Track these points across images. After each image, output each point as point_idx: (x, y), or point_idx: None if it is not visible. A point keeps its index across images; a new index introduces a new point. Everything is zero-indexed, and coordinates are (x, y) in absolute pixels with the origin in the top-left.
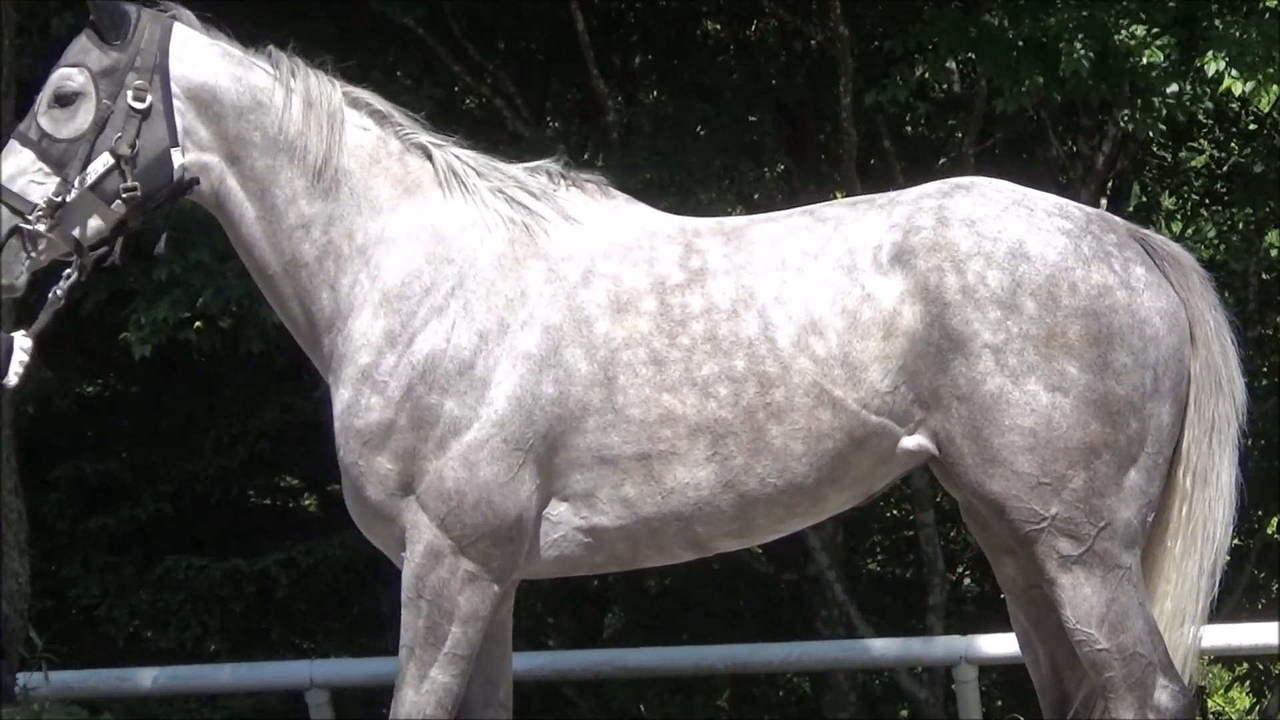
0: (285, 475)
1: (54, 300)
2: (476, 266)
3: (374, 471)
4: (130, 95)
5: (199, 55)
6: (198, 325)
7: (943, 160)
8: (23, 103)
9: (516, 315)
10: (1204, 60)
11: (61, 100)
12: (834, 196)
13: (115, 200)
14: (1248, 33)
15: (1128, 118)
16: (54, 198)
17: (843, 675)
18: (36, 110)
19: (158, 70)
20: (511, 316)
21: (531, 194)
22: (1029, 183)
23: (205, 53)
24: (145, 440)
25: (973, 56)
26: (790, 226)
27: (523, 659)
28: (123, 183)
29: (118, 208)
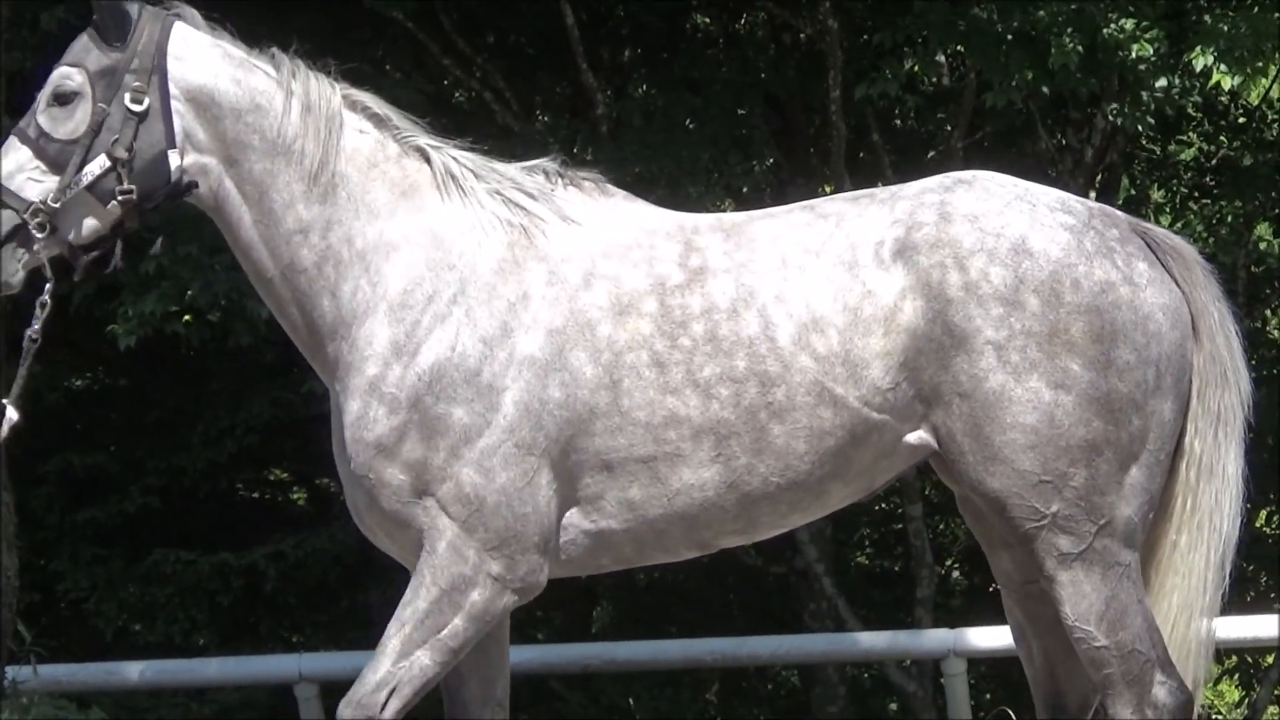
0: (274, 469)
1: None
2: (477, 271)
3: (386, 482)
4: (128, 97)
5: (199, 56)
6: (186, 319)
7: (932, 154)
8: (12, 98)
9: (519, 319)
10: (1192, 55)
11: (60, 99)
12: (823, 190)
13: (111, 201)
14: (1236, 26)
15: (1117, 111)
16: (51, 199)
17: (831, 668)
18: (36, 108)
19: (156, 71)
20: (514, 320)
21: (529, 195)
22: (1018, 176)
23: (206, 54)
24: (133, 434)
25: (962, 50)
26: (791, 223)
27: (511, 652)
28: (119, 185)
29: (114, 209)
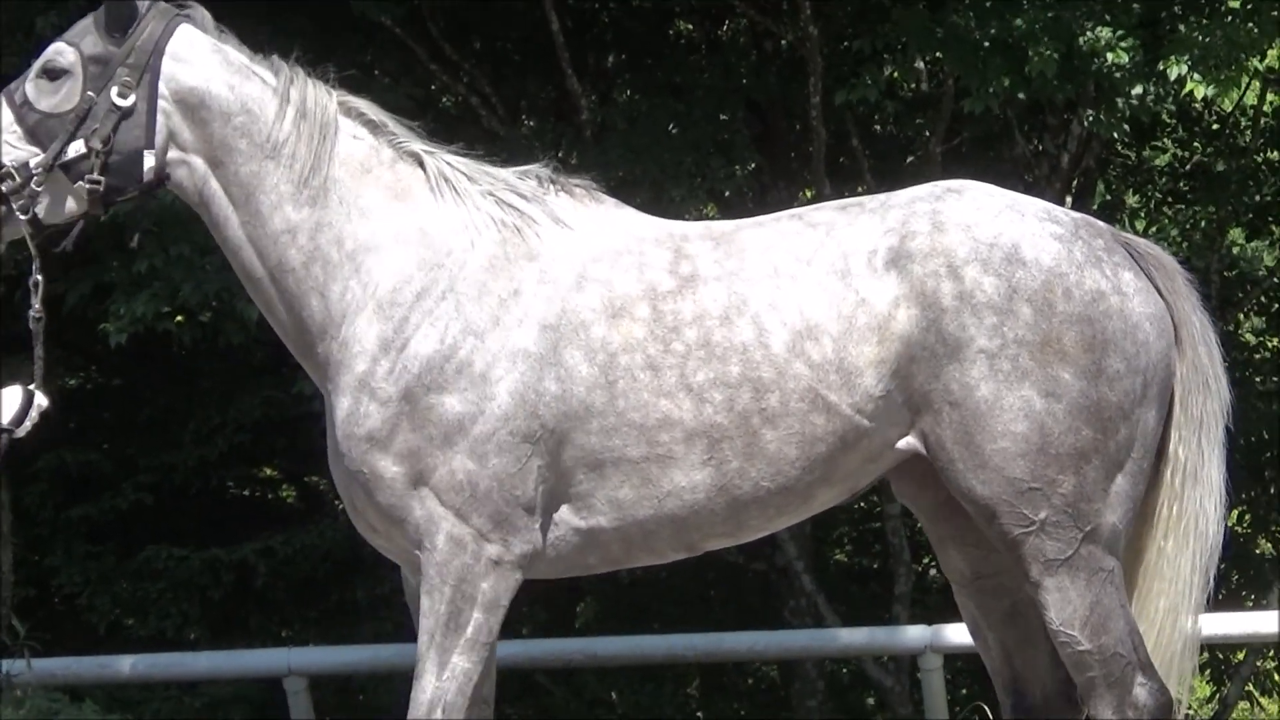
0: (264, 466)
1: (36, 322)
2: (468, 269)
3: (381, 476)
4: (115, 90)
5: (196, 59)
6: (178, 319)
7: (910, 159)
8: None
9: (511, 313)
10: (1167, 64)
11: (48, 73)
12: (804, 194)
13: (80, 184)
14: (1211, 35)
15: (1092, 117)
16: (22, 167)
17: (810, 664)
18: (26, 75)
19: (149, 70)
20: (506, 315)
21: (522, 197)
22: (996, 181)
23: (205, 58)
24: (126, 432)
25: (940, 56)
26: (781, 231)
27: (497, 647)
28: (89, 174)
29: (82, 194)
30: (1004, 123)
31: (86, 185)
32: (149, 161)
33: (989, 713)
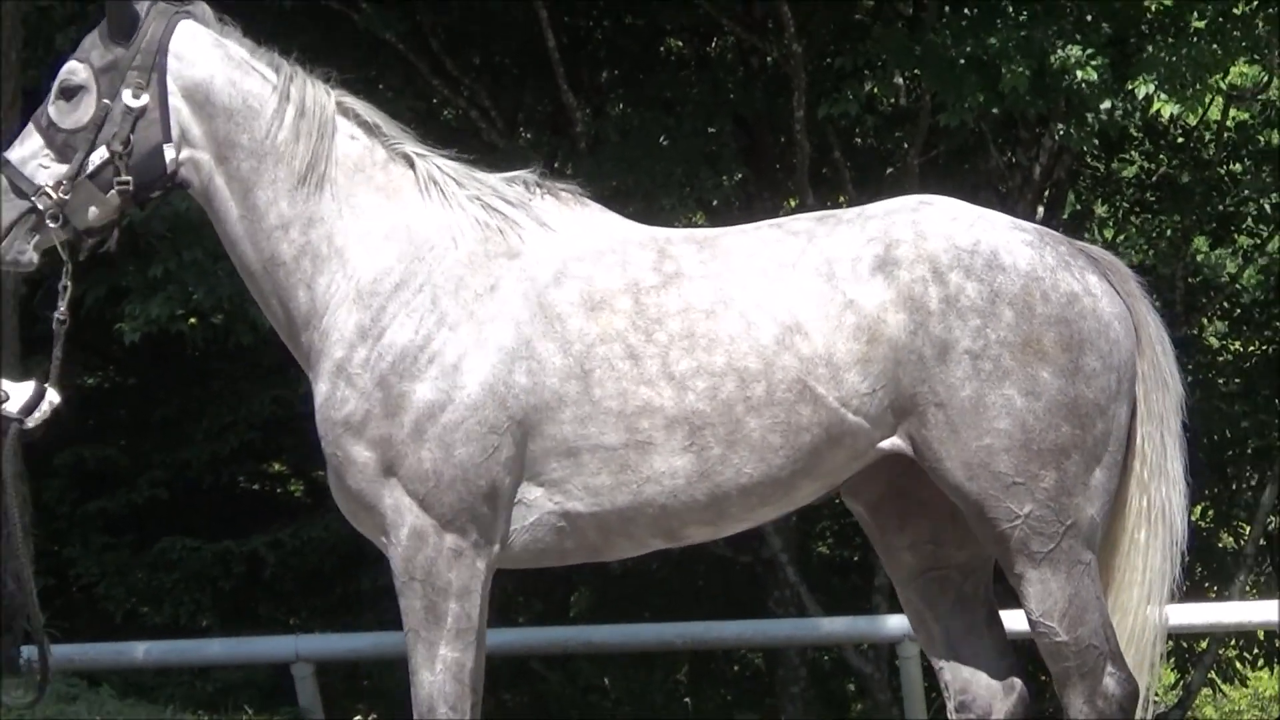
0: (273, 462)
1: (60, 324)
2: (447, 263)
3: (353, 460)
4: (128, 93)
5: (199, 55)
6: (191, 321)
7: (890, 170)
8: (27, 114)
9: (486, 308)
10: (1135, 83)
11: (65, 93)
12: (788, 203)
13: (110, 191)
14: (1177, 55)
15: (1063, 131)
16: (62, 190)
17: (794, 651)
18: (47, 99)
19: (156, 69)
20: (481, 309)
21: (507, 201)
22: (971, 191)
23: (207, 53)
24: (141, 429)
25: (918, 73)
26: (762, 238)
27: (494, 635)
28: (117, 176)
29: (113, 198)
30: (979, 136)
31: (117, 188)
32: (170, 154)
33: None
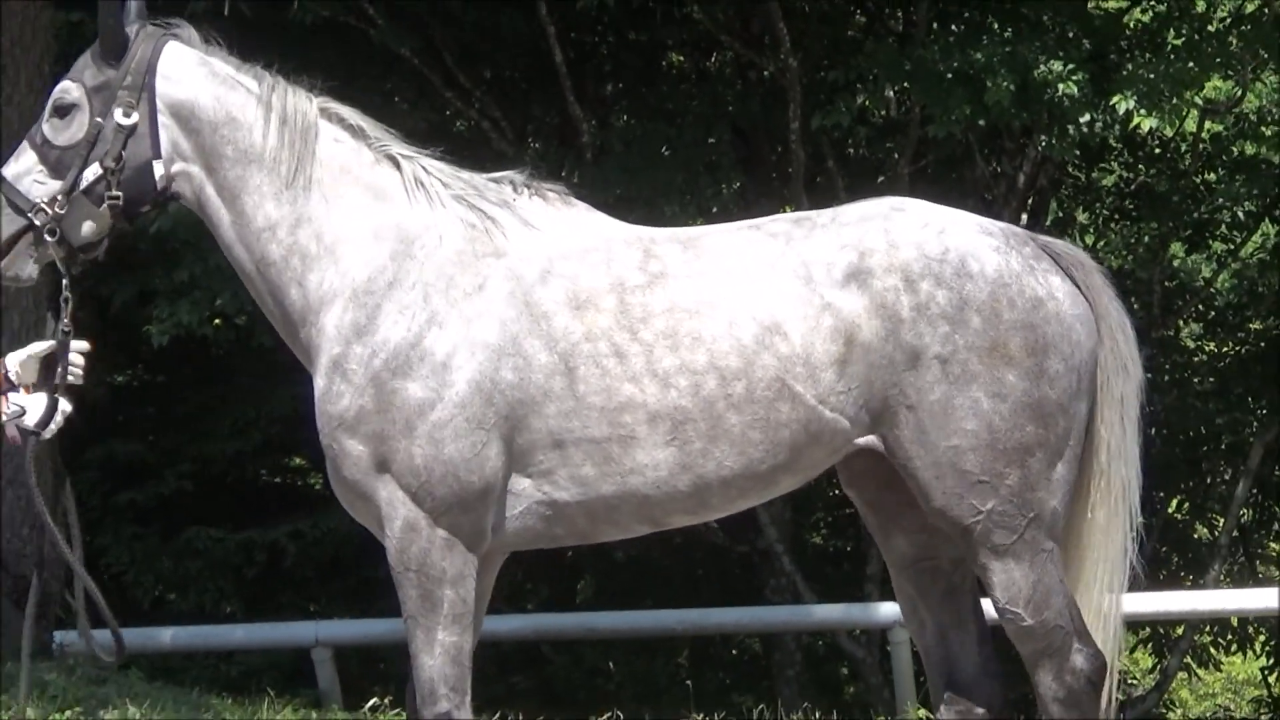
0: (294, 456)
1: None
2: (437, 263)
3: (348, 453)
4: (119, 112)
5: (184, 74)
6: (216, 322)
7: (881, 178)
8: None
9: (474, 306)
10: (1115, 99)
11: (59, 111)
12: (784, 209)
13: (103, 205)
14: (1156, 71)
15: (1045, 142)
16: (58, 206)
17: (790, 637)
18: (42, 117)
19: (146, 89)
20: (469, 307)
21: (493, 201)
22: (957, 199)
23: (191, 72)
24: (168, 425)
25: (908, 86)
26: (745, 239)
27: (504, 621)
28: (108, 191)
29: (105, 213)
30: (966, 146)
31: (108, 203)
32: (159, 170)
33: None
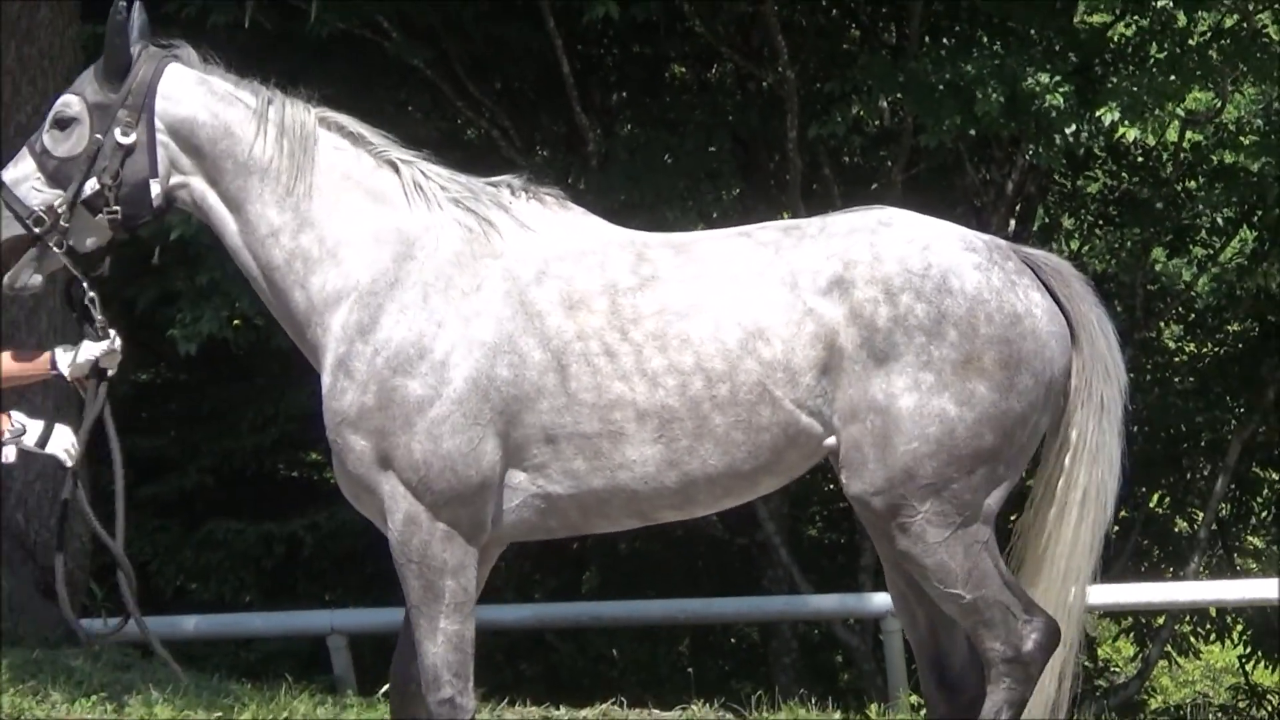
0: (311, 452)
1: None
2: (436, 264)
3: (351, 448)
4: (118, 131)
5: (184, 93)
6: (236, 324)
7: (875, 186)
8: None
9: (472, 305)
10: (1100, 111)
11: (59, 124)
12: (782, 216)
13: (100, 216)
14: (1139, 84)
15: (1033, 151)
16: (51, 211)
17: (786, 626)
18: (42, 127)
19: (145, 109)
20: (467, 307)
21: (489, 204)
22: (948, 206)
23: (190, 91)
24: (191, 421)
25: (901, 97)
26: (735, 246)
27: (512, 610)
28: (106, 205)
29: (103, 224)
30: (956, 155)
31: (106, 216)
32: (155, 189)
33: None
